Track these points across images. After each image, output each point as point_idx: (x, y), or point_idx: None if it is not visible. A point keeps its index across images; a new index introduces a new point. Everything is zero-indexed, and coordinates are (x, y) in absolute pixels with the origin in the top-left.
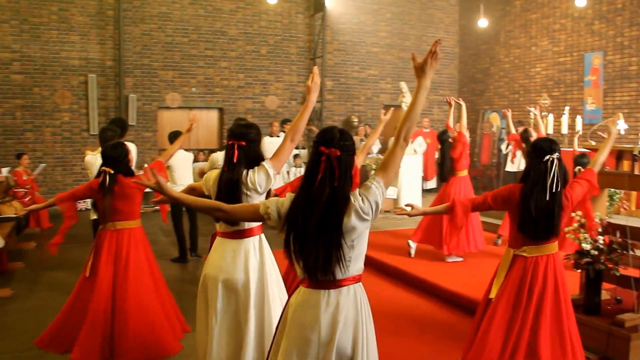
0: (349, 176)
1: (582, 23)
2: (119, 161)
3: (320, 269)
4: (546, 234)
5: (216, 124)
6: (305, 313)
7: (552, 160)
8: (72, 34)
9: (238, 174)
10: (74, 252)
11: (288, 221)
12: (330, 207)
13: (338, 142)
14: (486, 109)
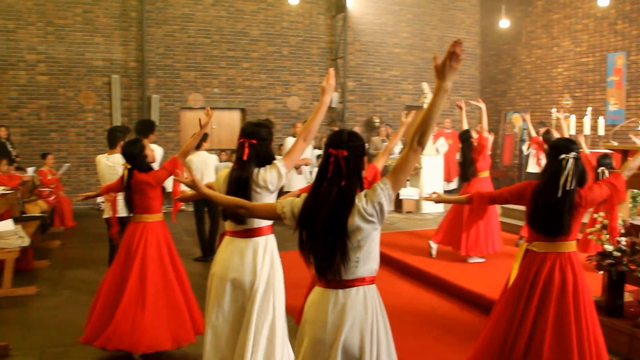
0: (356, 177)
1: (604, 23)
2: (134, 157)
3: (326, 267)
4: (555, 231)
5: (238, 125)
6: (317, 311)
7: (567, 159)
8: (96, 35)
9: (248, 171)
10: (97, 251)
11: (300, 221)
12: (336, 207)
13: (346, 144)
14: (508, 109)
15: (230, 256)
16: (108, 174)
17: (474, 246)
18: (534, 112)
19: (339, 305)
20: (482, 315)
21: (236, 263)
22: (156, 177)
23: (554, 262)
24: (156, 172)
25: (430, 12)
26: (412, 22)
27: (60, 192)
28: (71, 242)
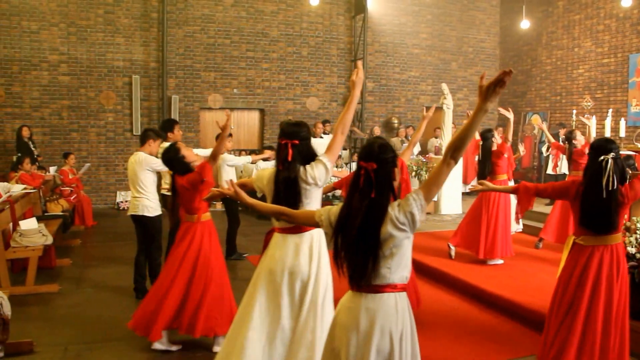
0: (387, 188)
1: (627, 23)
2: (172, 162)
3: (358, 274)
4: (604, 228)
5: (257, 125)
6: (348, 315)
7: (606, 160)
8: (117, 36)
9: (295, 171)
10: (117, 250)
11: (335, 230)
12: (368, 218)
13: (376, 157)
14: (527, 111)
15: (285, 252)
16: (130, 171)
17: (491, 250)
18: (554, 113)
19: (370, 310)
20: (502, 317)
21: (292, 258)
22: (190, 180)
23: (602, 255)
24: (189, 177)
25: (450, 12)
26: (432, 23)
27: (80, 192)
28: (91, 241)
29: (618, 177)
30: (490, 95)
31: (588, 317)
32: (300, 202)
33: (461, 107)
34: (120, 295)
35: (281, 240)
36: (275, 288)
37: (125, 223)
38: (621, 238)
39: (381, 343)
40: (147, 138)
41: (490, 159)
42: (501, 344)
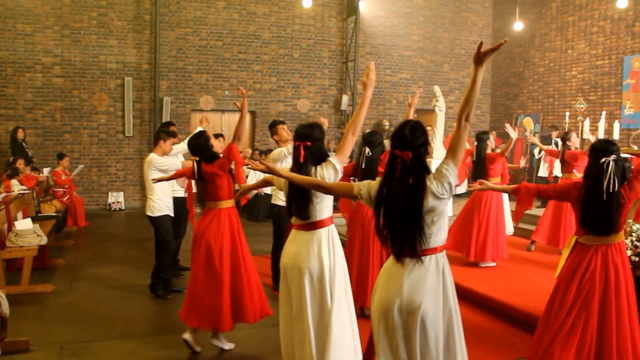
0: (422, 171)
1: (622, 25)
2: (201, 149)
3: (405, 244)
4: (606, 229)
5: (248, 127)
6: (392, 278)
7: (607, 162)
8: (111, 38)
9: (306, 172)
10: (110, 250)
11: (377, 207)
12: (410, 198)
13: (411, 144)
14: (519, 113)
15: (298, 247)
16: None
17: (482, 252)
18: (546, 115)
19: (414, 271)
20: (494, 319)
21: (303, 253)
22: (221, 165)
23: (605, 253)
24: (220, 161)
25: (442, 14)
26: (424, 25)
27: (73, 193)
28: (84, 242)
29: (619, 178)
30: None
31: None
32: (311, 202)
33: (453, 110)
34: (114, 294)
35: (295, 237)
36: (291, 284)
37: (117, 224)
38: (623, 237)
39: (427, 302)
40: (158, 139)
41: (484, 161)
42: (494, 346)
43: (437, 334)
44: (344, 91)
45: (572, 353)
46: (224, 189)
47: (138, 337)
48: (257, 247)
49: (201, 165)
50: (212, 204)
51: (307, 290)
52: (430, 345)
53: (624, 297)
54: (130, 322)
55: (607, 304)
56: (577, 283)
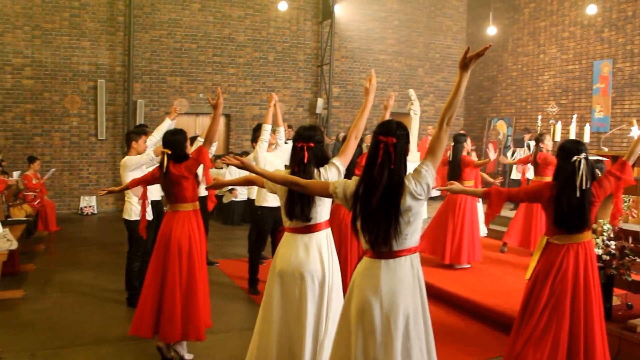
0: (404, 162)
1: (591, 31)
2: (174, 145)
3: (381, 242)
4: (578, 227)
5: (223, 130)
6: (368, 279)
7: (579, 160)
8: (83, 39)
9: (310, 173)
10: (82, 255)
11: (354, 201)
12: (389, 188)
13: (395, 132)
14: (493, 116)
15: (297, 251)
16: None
17: (457, 255)
18: (519, 119)
19: (391, 272)
20: (469, 319)
21: (302, 257)
22: (188, 167)
23: (577, 252)
24: (188, 163)
25: (417, 19)
26: (399, 29)
27: (44, 197)
28: (56, 246)
29: (590, 176)
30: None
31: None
32: (314, 204)
33: (427, 114)
34: (87, 299)
35: (291, 240)
36: (288, 288)
37: (89, 228)
38: (591, 236)
39: (404, 301)
40: (130, 141)
41: (460, 163)
42: (469, 346)
43: (420, 335)
44: (319, 94)
45: (545, 353)
46: (188, 192)
47: (112, 343)
48: (233, 250)
49: (170, 164)
50: (175, 206)
51: (308, 294)
52: (413, 347)
53: (593, 295)
54: (103, 327)
55: (576, 303)
56: (550, 283)
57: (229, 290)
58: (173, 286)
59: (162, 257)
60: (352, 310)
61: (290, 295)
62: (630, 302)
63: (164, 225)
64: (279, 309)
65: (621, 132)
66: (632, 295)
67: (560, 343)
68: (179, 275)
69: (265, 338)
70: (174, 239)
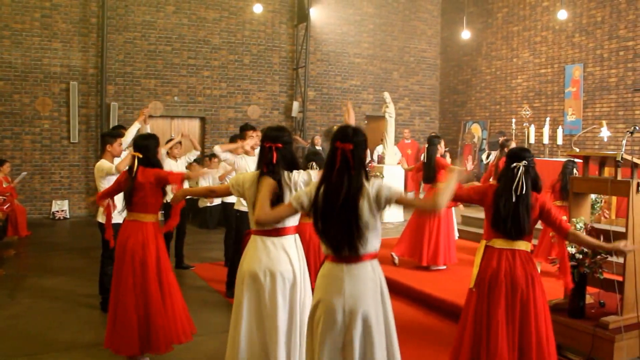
0: (361, 167)
1: (562, 36)
2: (146, 149)
3: (342, 246)
4: (515, 232)
5: (198, 133)
6: (330, 283)
7: (518, 167)
8: (55, 41)
9: (278, 174)
10: (53, 260)
11: (315, 206)
12: (349, 192)
13: (352, 138)
14: (467, 120)
15: (266, 252)
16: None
17: (434, 257)
18: (493, 122)
19: (353, 276)
20: (446, 320)
21: (273, 257)
22: (158, 178)
23: (514, 258)
24: (159, 174)
25: (392, 22)
26: (374, 33)
27: (14, 201)
28: (26, 252)
29: (529, 184)
30: None
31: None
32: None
33: (402, 117)
34: (59, 305)
35: (260, 242)
36: (259, 289)
37: (61, 233)
38: (529, 247)
39: (366, 305)
40: (104, 144)
41: (434, 165)
42: (446, 346)
43: (381, 338)
44: (294, 97)
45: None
46: (151, 202)
47: (85, 348)
48: (209, 254)
49: (139, 168)
50: (135, 215)
51: (278, 295)
52: (376, 350)
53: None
54: (77, 333)
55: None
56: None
57: (204, 294)
58: (125, 298)
59: (119, 267)
60: (317, 313)
61: (261, 297)
62: (603, 300)
63: (120, 235)
64: (249, 313)
65: (593, 134)
66: (604, 293)
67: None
68: (133, 287)
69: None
70: (129, 249)
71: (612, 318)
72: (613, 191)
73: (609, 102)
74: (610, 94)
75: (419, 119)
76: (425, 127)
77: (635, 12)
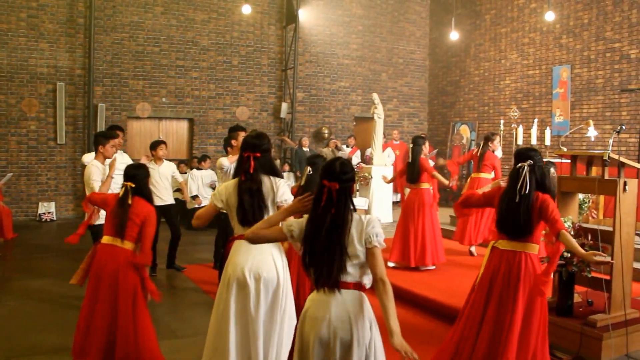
0: (348, 203)
1: (550, 37)
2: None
3: (326, 279)
4: (517, 231)
5: (186, 135)
6: (318, 309)
7: (523, 167)
8: (42, 41)
9: (257, 182)
10: (40, 262)
11: (304, 239)
12: (332, 230)
13: (338, 177)
14: (456, 121)
15: (252, 256)
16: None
17: (421, 257)
18: (482, 123)
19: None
20: (435, 320)
21: (259, 260)
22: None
23: (519, 260)
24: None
25: (381, 24)
26: (362, 34)
27: (0, 203)
28: (12, 254)
29: (533, 183)
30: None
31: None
32: (266, 211)
33: (391, 118)
34: (46, 307)
35: (244, 247)
36: (245, 295)
37: (48, 235)
38: (536, 249)
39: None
40: (97, 145)
41: (419, 166)
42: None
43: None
44: (283, 99)
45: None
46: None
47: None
48: (198, 255)
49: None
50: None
51: (262, 299)
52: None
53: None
54: (63, 335)
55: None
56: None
57: (194, 295)
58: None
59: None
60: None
61: (246, 300)
62: (591, 299)
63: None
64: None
65: (580, 135)
66: (592, 292)
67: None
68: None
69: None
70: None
71: (600, 316)
72: (600, 190)
73: (596, 103)
74: (598, 95)
75: (407, 120)
76: (414, 128)
77: (622, 14)
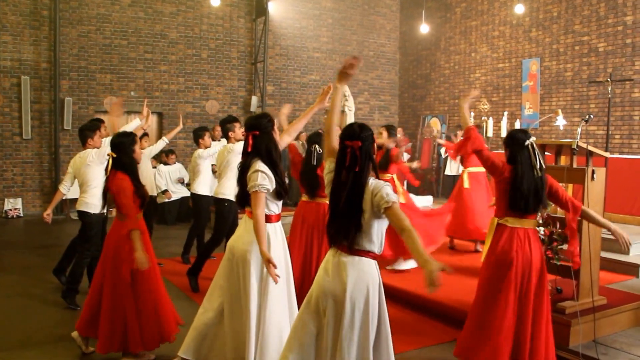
0: (369, 162)
1: (520, 30)
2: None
3: (343, 237)
4: (535, 208)
5: (155, 129)
6: (327, 270)
7: (531, 143)
8: (4, 34)
9: (249, 162)
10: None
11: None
12: (353, 190)
13: (359, 135)
14: (427, 114)
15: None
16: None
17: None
18: (452, 116)
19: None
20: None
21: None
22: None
23: (525, 236)
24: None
25: (351, 17)
26: (333, 27)
27: None
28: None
29: (544, 158)
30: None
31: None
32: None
33: (362, 111)
34: (12, 303)
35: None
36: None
37: (14, 231)
38: (535, 224)
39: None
40: (85, 139)
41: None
42: (407, 335)
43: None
44: (253, 92)
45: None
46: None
47: (38, 346)
48: (169, 249)
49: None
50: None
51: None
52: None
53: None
54: (29, 331)
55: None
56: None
57: None
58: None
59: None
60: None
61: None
62: (560, 287)
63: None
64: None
65: (550, 127)
66: (561, 280)
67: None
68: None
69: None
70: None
71: (568, 303)
72: (569, 179)
73: (565, 95)
74: (567, 88)
75: (378, 113)
76: (385, 121)
77: (590, 8)
